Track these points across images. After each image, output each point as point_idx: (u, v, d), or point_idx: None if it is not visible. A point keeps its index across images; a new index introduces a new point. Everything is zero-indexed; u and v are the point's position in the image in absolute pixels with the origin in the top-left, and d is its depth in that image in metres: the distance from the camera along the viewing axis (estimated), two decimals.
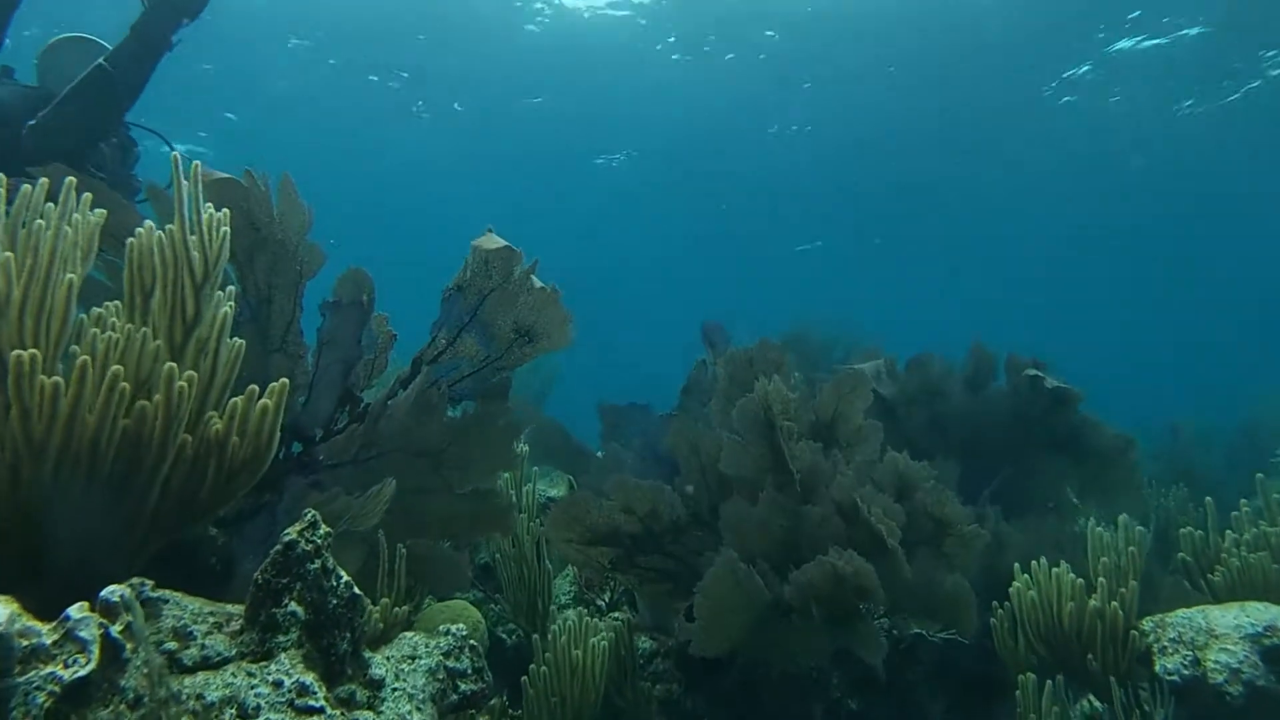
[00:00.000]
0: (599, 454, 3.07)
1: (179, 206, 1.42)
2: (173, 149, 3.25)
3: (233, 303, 1.49)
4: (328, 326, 2.32)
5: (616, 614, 2.49)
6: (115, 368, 1.23)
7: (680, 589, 2.17)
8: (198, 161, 1.45)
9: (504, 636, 2.65)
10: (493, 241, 2.29)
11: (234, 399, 1.40)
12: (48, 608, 1.32)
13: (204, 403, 1.47)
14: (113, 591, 1.07)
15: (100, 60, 2.76)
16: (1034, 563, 2.04)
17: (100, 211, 1.43)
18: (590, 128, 16.49)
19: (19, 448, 1.17)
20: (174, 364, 1.31)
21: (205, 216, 1.42)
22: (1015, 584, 2.05)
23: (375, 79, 14.66)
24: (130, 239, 1.43)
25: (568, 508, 2.11)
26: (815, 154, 16.85)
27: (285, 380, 1.47)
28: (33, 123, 2.73)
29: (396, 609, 1.81)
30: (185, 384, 1.33)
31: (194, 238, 1.40)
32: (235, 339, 1.53)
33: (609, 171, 18.97)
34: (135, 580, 1.44)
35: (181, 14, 2.79)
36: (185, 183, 1.43)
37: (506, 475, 2.86)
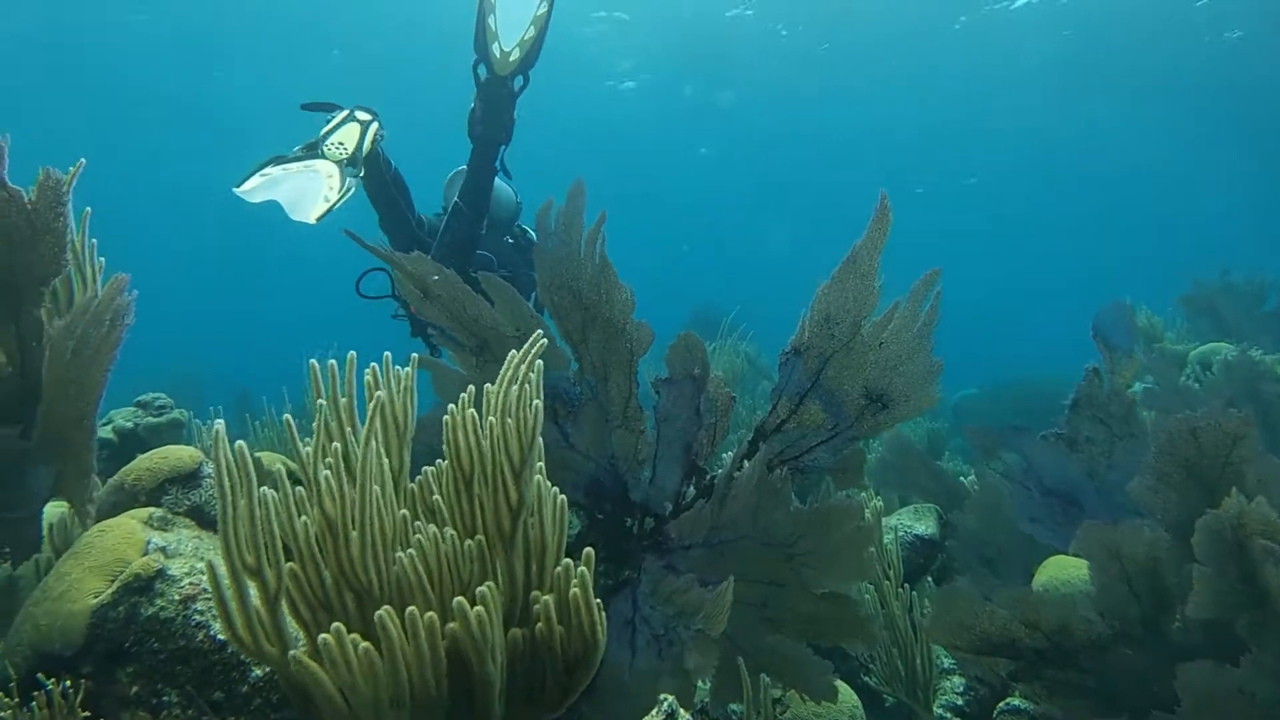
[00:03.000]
0: (964, 479, 2.55)
1: (500, 390, 1.21)
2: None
3: (541, 477, 1.27)
4: (664, 403, 2.08)
5: (1015, 700, 2.00)
6: (411, 610, 1.04)
7: (1103, 706, 1.64)
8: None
9: (880, 692, 2.28)
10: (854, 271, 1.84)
11: (547, 598, 1.17)
12: None
13: (541, 573, 1.28)
14: None
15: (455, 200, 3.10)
16: None
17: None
18: None
19: (355, 704, 1.04)
20: (487, 588, 1.10)
21: (517, 400, 1.20)
22: None
23: None
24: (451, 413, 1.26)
25: (948, 609, 1.67)
26: None
27: (589, 552, 1.21)
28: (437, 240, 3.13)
29: None
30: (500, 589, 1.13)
31: (510, 423, 1.18)
32: (560, 495, 1.31)
33: None
34: None
35: (497, 143, 3.01)
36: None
37: (870, 507, 2.45)
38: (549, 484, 1.28)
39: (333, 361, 1.26)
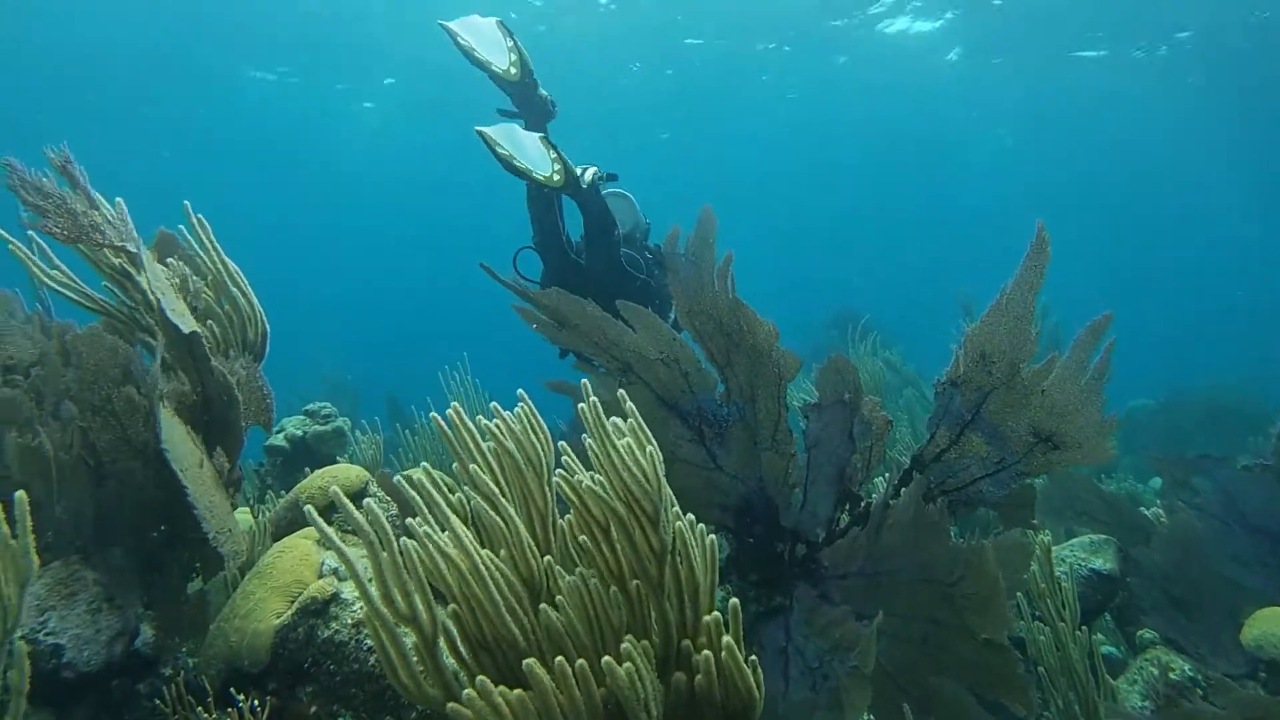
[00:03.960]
0: (1147, 509, 2.32)
1: (601, 445, 1.18)
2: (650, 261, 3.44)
3: (681, 520, 1.24)
4: (813, 429, 2.02)
5: None
6: (560, 661, 1.04)
7: None
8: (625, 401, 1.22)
9: None
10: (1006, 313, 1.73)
11: (707, 654, 1.14)
12: None
13: (696, 615, 1.26)
14: None
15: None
16: None
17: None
18: None
19: None
20: (632, 642, 1.09)
21: (634, 457, 1.17)
22: None
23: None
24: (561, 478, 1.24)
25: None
26: None
27: (735, 605, 1.17)
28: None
29: None
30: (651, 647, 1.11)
31: (629, 478, 1.16)
32: (710, 536, 1.28)
33: None
34: None
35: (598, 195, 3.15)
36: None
37: (1039, 542, 2.28)
38: (694, 520, 1.26)
39: (452, 410, 1.27)
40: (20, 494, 1.00)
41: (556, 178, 2.99)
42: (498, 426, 1.26)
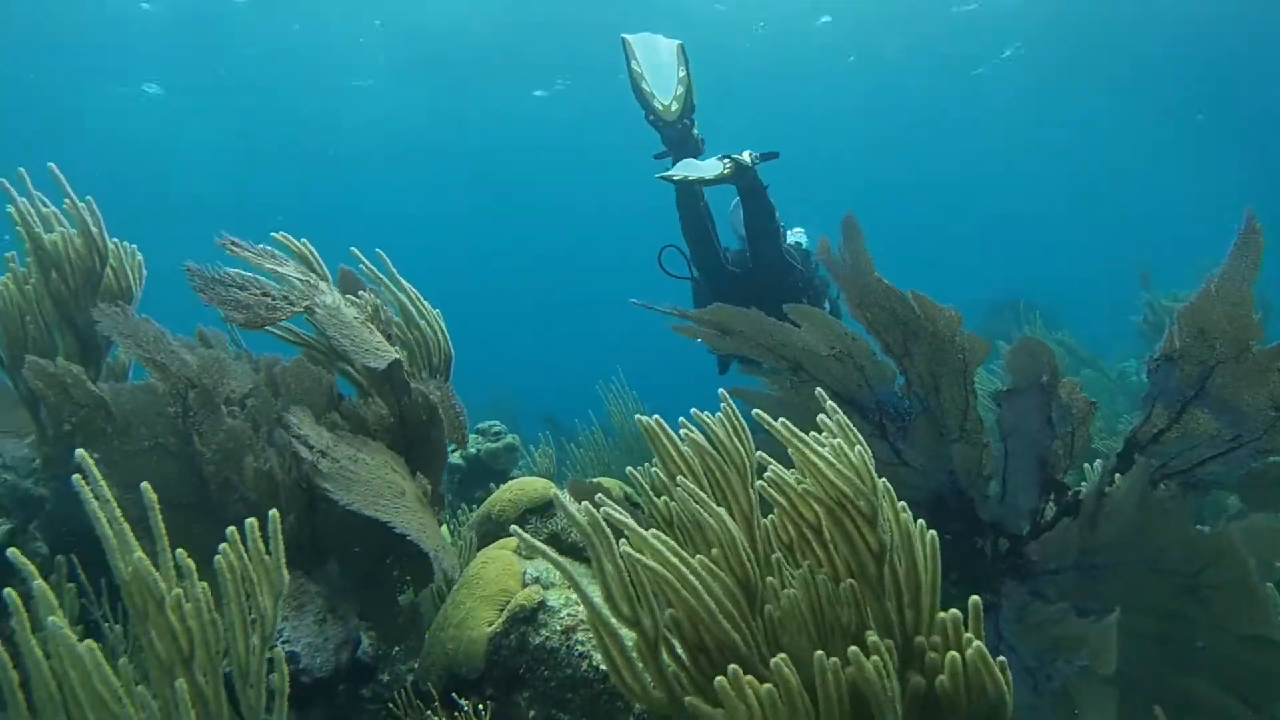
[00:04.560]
0: None
1: (801, 451, 1.15)
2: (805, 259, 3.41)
3: (905, 514, 1.18)
4: (1008, 416, 1.90)
5: None
6: (820, 655, 1.01)
7: None
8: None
9: None
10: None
11: (953, 654, 1.08)
12: None
13: (918, 614, 1.20)
14: None
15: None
16: None
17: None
18: None
19: None
20: (879, 640, 1.05)
21: (845, 458, 1.13)
22: None
23: None
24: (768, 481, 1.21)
25: None
26: None
27: (976, 603, 1.10)
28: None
29: None
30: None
31: (841, 484, 1.11)
32: (930, 531, 1.23)
33: None
34: None
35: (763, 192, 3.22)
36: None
37: None
38: (910, 515, 1.20)
39: (655, 419, 1.27)
40: (274, 513, 1.08)
41: (675, 106, 3.00)
42: (701, 429, 1.27)
